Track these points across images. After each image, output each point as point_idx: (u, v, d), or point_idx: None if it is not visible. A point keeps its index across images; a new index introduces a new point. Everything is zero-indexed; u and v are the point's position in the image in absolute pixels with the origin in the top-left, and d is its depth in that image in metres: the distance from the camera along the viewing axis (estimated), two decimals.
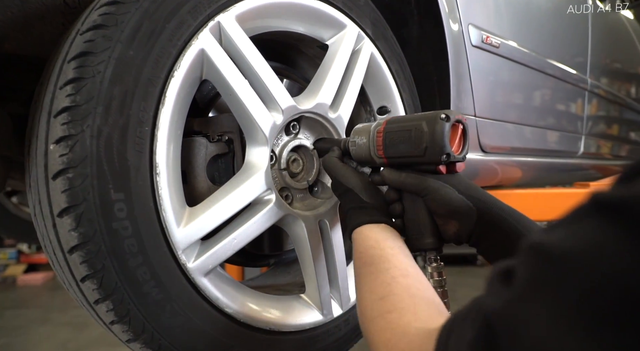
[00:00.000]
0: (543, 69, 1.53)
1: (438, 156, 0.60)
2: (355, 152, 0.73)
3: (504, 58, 1.32)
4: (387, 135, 0.66)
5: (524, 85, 1.47)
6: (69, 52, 0.62)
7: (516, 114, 1.44)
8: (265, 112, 0.77)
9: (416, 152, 0.61)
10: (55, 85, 0.61)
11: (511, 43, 1.35)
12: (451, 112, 0.60)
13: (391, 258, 0.55)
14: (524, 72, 1.45)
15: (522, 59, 1.41)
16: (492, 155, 1.32)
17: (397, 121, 0.66)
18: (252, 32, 0.79)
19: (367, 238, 0.61)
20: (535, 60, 1.48)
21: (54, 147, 0.59)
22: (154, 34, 0.64)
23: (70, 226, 0.59)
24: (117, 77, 0.61)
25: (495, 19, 1.31)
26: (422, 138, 0.60)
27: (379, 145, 0.67)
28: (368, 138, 0.69)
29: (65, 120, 0.58)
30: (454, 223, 0.61)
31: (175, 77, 0.66)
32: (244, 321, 0.74)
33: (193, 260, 0.69)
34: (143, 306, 0.64)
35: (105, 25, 0.61)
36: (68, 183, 0.58)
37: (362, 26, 0.94)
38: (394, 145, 0.65)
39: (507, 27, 1.36)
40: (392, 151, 0.66)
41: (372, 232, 0.62)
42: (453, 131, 0.61)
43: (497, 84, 1.34)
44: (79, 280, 0.62)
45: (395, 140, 0.65)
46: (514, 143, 1.46)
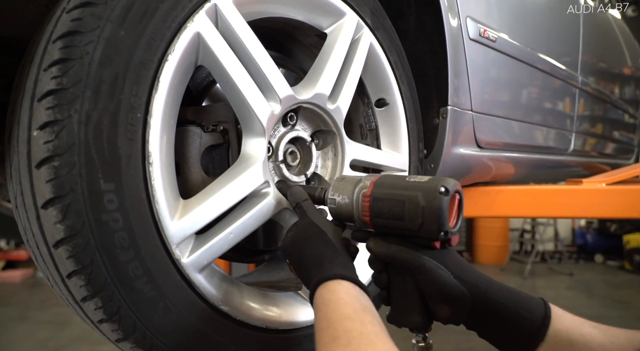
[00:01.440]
0: (537, 65, 1.52)
1: (436, 234, 0.55)
2: (335, 211, 0.66)
3: (500, 52, 1.31)
4: (375, 202, 0.59)
5: (519, 81, 1.46)
6: (54, 32, 0.57)
7: (510, 110, 1.44)
8: (263, 101, 0.73)
9: (410, 226, 0.56)
10: (39, 67, 0.57)
11: (507, 37, 1.34)
12: (449, 182, 0.55)
13: (375, 340, 0.43)
14: (519, 67, 1.44)
15: (517, 54, 1.40)
16: (487, 150, 1.31)
17: (388, 185, 0.59)
18: (249, 17, 0.75)
19: (342, 303, 0.49)
20: (529, 55, 1.47)
21: (37, 133, 0.55)
22: (146, 13, 0.60)
23: (56, 218, 0.55)
24: (107, 59, 0.56)
25: (492, 12, 1.30)
26: (417, 212, 0.55)
27: (366, 211, 0.60)
28: (351, 200, 0.62)
29: (51, 104, 0.54)
30: (446, 308, 0.56)
31: (169, 61, 0.62)
32: (240, 319, 0.71)
33: (187, 255, 0.65)
34: (134, 303, 0.60)
35: (94, 2, 0.57)
36: (53, 172, 0.54)
37: (362, 15, 0.91)
38: (383, 214, 0.58)
39: (504, 21, 1.34)
40: (381, 221, 0.59)
41: (348, 295, 0.50)
42: (451, 203, 0.56)
43: (493, 79, 1.32)
44: (65, 276, 0.58)
45: (385, 208, 0.58)
46: (508, 139, 1.45)
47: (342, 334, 0.44)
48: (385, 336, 0.45)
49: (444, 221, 0.54)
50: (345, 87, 0.88)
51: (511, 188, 1.44)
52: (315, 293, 0.53)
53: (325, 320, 0.48)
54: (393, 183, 0.60)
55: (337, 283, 0.53)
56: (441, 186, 0.54)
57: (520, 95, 1.49)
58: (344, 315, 0.47)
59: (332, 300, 0.50)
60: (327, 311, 0.49)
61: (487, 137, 1.30)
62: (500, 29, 1.31)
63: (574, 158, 1.98)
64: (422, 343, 0.59)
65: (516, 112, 1.46)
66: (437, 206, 0.54)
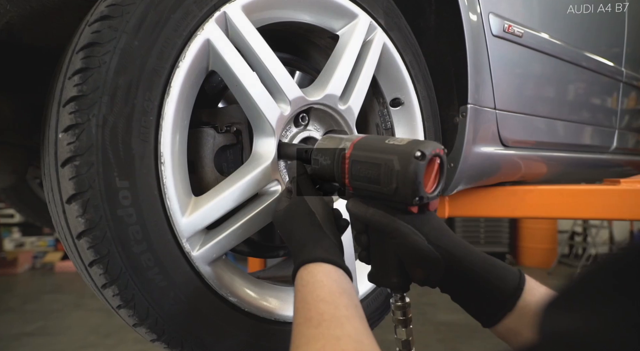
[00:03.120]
0: (573, 60, 1.46)
1: (410, 199, 0.54)
2: (318, 172, 0.66)
3: (528, 48, 1.27)
4: (354, 164, 0.59)
5: (551, 77, 1.41)
6: (77, 43, 0.64)
7: (542, 107, 1.39)
8: (272, 103, 0.77)
9: (385, 190, 0.56)
10: (64, 76, 0.63)
11: (536, 32, 1.29)
12: (427, 145, 0.55)
13: (346, 323, 0.44)
14: (550, 62, 1.38)
15: (548, 49, 1.35)
16: (513, 149, 1.28)
17: (366, 148, 0.59)
18: (260, 23, 0.79)
19: (319, 285, 0.50)
20: (563, 50, 1.41)
21: (62, 136, 0.61)
22: (159, 24, 0.65)
23: (78, 212, 0.61)
24: (122, 67, 0.62)
25: (519, 7, 1.26)
26: (392, 177, 0.54)
27: (346, 172, 0.60)
28: (332, 161, 0.63)
29: (73, 109, 0.60)
30: (420, 270, 0.57)
31: (180, 67, 0.67)
32: (248, 310, 0.75)
33: (197, 248, 0.70)
34: (147, 292, 0.65)
35: (112, 16, 0.62)
36: (75, 170, 0.60)
37: (374, 16, 0.92)
38: (361, 177, 0.59)
39: (533, 16, 1.30)
40: (358, 183, 0.59)
41: (327, 278, 0.52)
42: (429, 168, 0.55)
43: (520, 76, 1.29)
44: (87, 265, 0.64)
45: (362, 171, 0.58)
46: (538, 137, 1.40)
47: (314, 315, 0.46)
48: (357, 320, 0.46)
49: (418, 186, 0.53)
50: (357, 88, 0.89)
51: (541, 188, 1.39)
52: (296, 275, 0.55)
53: (301, 301, 0.49)
54: (372, 145, 0.59)
55: (317, 266, 0.54)
56: (417, 150, 0.53)
57: (552, 91, 1.43)
58: (319, 297, 0.48)
59: (310, 282, 0.52)
60: (304, 292, 0.50)
61: (513, 135, 1.27)
62: (529, 24, 1.27)
63: (617, 157, 1.87)
64: (399, 302, 0.60)
65: (548, 109, 1.41)
66: (411, 171, 0.53)
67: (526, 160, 1.37)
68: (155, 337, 0.68)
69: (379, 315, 0.98)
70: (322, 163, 0.65)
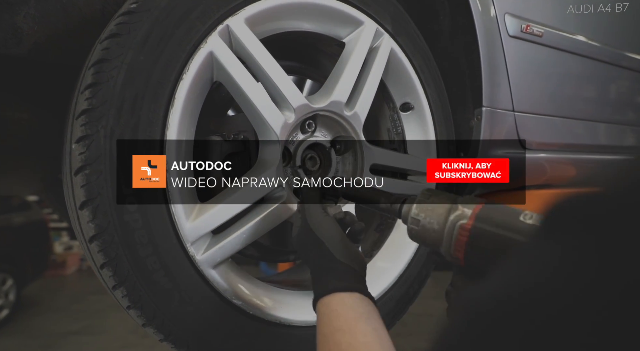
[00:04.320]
0: (599, 57, 1.39)
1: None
2: (416, 234, 0.55)
3: (550, 47, 1.23)
4: (474, 239, 0.49)
5: (576, 76, 1.35)
6: (90, 60, 0.68)
7: (566, 108, 1.33)
8: (276, 111, 0.79)
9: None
10: (78, 90, 0.68)
11: (558, 31, 1.25)
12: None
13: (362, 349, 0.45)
14: (576, 62, 1.33)
15: (573, 48, 1.30)
16: (534, 152, 1.24)
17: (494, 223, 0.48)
18: (264, 34, 0.81)
19: (335, 316, 0.50)
20: (589, 47, 1.35)
21: (75, 146, 0.65)
22: (163, 39, 0.68)
23: (88, 218, 0.65)
24: (128, 81, 0.66)
25: (538, 6, 1.22)
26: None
27: (460, 246, 0.50)
28: (442, 228, 0.52)
29: (84, 122, 0.65)
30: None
31: (184, 79, 0.70)
32: (252, 313, 0.77)
33: (202, 252, 0.72)
34: (153, 293, 0.68)
35: (119, 33, 0.67)
36: (85, 179, 0.64)
37: (381, 22, 0.93)
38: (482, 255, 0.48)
39: (554, 14, 1.26)
40: (477, 261, 0.49)
41: (342, 306, 0.51)
42: None
43: (541, 76, 1.25)
44: (99, 267, 0.68)
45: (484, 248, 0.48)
46: (564, 139, 1.35)
47: (332, 347, 0.46)
48: (376, 346, 0.45)
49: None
50: (363, 94, 0.90)
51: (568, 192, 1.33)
52: (316, 310, 0.55)
53: (320, 334, 0.50)
54: (502, 221, 0.48)
55: (331, 297, 0.54)
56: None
57: (578, 91, 1.38)
58: (336, 328, 0.49)
59: (326, 313, 0.52)
60: (321, 325, 0.51)
61: (534, 137, 1.23)
62: (550, 23, 1.23)
63: None
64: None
65: (573, 110, 1.35)
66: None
67: (552, 163, 1.32)
68: (163, 337, 0.71)
69: (390, 320, 0.97)
70: (424, 226, 0.54)
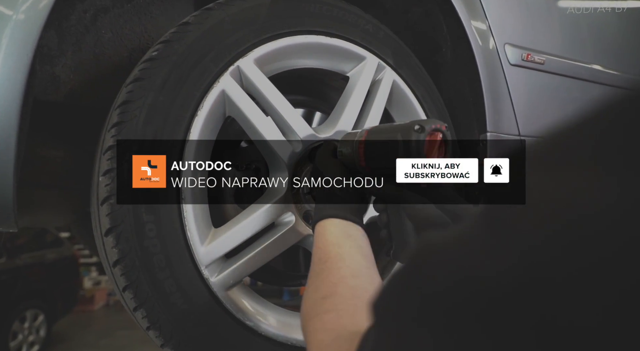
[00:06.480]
0: (605, 82, 1.42)
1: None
2: (344, 163, 0.73)
3: (552, 74, 1.27)
4: (368, 146, 0.66)
5: (581, 100, 1.38)
6: (117, 101, 0.76)
7: None
8: (285, 142, 0.85)
9: (392, 164, 0.61)
10: (105, 129, 0.76)
11: (561, 58, 1.29)
12: (428, 121, 0.60)
13: (346, 257, 0.54)
14: (582, 87, 1.36)
15: (576, 73, 1.33)
16: None
17: (377, 131, 0.66)
18: (273, 72, 0.88)
19: (329, 234, 0.60)
20: (593, 73, 1.38)
21: (101, 179, 0.73)
22: (180, 81, 0.76)
23: (112, 244, 0.71)
24: (149, 119, 0.73)
25: (538, 35, 1.27)
26: (396, 150, 0.60)
27: (361, 156, 0.67)
28: (352, 149, 0.69)
29: (109, 157, 0.72)
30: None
31: (198, 115, 0.77)
32: (265, 334, 0.80)
33: (216, 275, 0.77)
34: (171, 315, 0.73)
35: (142, 78, 0.75)
36: (110, 208, 0.71)
37: (382, 57, 0.99)
38: (373, 157, 0.65)
39: (555, 42, 1.30)
40: (372, 163, 0.66)
41: (336, 228, 0.61)
42: (431, 141, 0.60)
43: (545, 101, 1.28)
44: (121, 290, 0.73)
45: (375, 152, 0.65)
46: None
47: (322, 255, 0.56)
48: (358, 255, 0.55)
49: (419, 156, 0.59)
50: (367, 124, 0.95)
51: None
52: (314, 232, 0.65)
53: (315, 247, 0.60)
54: (382, 128, 0.66)
55: (327, 220, 0.63)
56: (416, 124, 0.59)
57: None
58: (328, 241, 0.59)
59: (321, 232, 0.62)
60: (317, 241, 0.61)
61: None
62: (551, 51, 1.27)
63: None
64: None
65: None
66: (412, 142, 0.59)
67: None
68: None
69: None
70: (344, 154, 0.72)
